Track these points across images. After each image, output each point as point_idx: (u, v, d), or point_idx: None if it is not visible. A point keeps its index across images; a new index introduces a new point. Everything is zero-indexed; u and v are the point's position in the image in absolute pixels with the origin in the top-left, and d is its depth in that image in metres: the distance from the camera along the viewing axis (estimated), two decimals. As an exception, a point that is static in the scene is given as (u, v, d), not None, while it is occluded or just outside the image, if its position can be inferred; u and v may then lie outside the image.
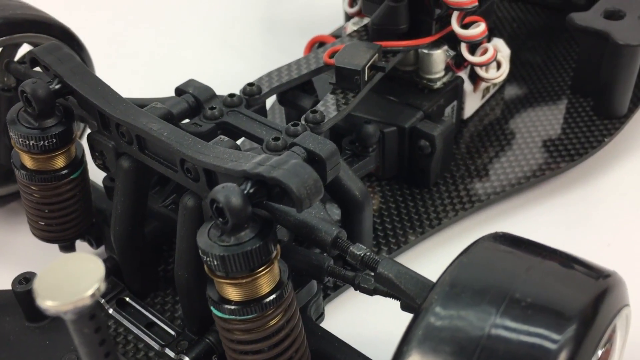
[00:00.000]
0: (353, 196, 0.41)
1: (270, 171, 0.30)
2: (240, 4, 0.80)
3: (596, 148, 0.52)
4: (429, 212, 0.48)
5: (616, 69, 0.52)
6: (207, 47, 0.73)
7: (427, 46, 0.49)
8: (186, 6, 0.81)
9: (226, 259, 0.29)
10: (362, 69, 0.43)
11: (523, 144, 0.53)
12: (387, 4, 0.47)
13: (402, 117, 0.48)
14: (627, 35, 0.51)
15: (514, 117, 0.56)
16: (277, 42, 0.74)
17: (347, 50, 0.44)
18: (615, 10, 0.54)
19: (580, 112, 0.56)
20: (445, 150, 0.49)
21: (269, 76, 0.46)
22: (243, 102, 0.43)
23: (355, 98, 0.43)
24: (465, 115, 0.55)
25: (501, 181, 0.50)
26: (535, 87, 0.60)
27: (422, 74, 0.50)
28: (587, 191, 0.52)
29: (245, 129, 0.41)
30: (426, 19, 0.47)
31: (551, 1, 0.70)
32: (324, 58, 0.46)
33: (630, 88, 0.54)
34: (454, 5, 0.46)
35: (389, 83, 0.51)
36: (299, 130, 0.39)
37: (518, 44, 0.65)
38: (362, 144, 0.45)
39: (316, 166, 0.38)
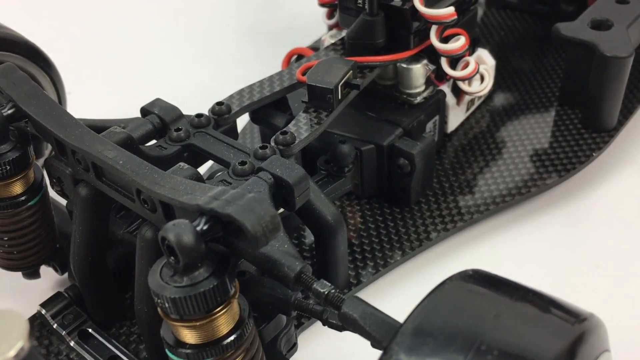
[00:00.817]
0: (325, 222, 0.39)
1: (225, 207, 0.28)
2: (223, 13, 0.78)
3: (584, 163, 0.51)
4: (410, 233, 0.46)
5: (604, 82, 0.50)
6: (188, 58, 0.71)
7: (406, 60, 0.47)
8: (166, 15, 0.79)
9: (179, 301, 0.28)
10: (334, 87, 0.41)
11: (509, 158, 0.51)
12: (363, 18, 0.45)
13: (381, 134, 0.46)
14: (614, 46, 0.49)
15: (500, 130, 0.54)
16: (261, 52, 0.72)
17: (320, 67, 0.42)
18: (603, 19, 0.52)
19: (568, 126, 0.54)
20: (426, 168, 0.47)
21: (240, 94, 0.44)
22: (211, 122, 0.41)
23: (328, 117, 0.42)
24: (448, 129, 0.53)
25: (485, 199, 0.48)
26: (523, 97, 0.58)
27: (401, 89, 0.48)
28: (575, 208, 0.50)
29: (212, 152, 0.39)
30: (404, 33, 0.45)
31: (539, 9, 0.68)
32: (297, 75, 0.44)
33: (619, 101, 0.52)
34: (432, 19, 0.44)
35: (367, 98, 0.49)
36: (267, 154, 0.38)
37: (506, 52, 0.64)
38: (337, 164, 0.43)
39: (284, 192, 0.36)
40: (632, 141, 0.55)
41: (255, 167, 0.37)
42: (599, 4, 0.54)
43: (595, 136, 0.52)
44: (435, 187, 0.50)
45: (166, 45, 0.73)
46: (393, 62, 0.46)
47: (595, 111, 0.52)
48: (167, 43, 0.74)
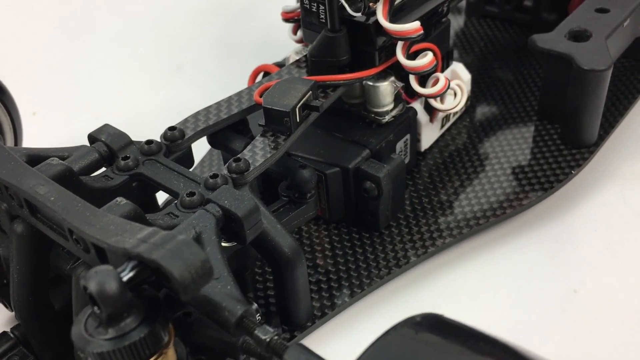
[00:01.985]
0: (282, 254, 0.37)
1: (151, 251, 0.26)
2: (194, 25, 0.76)
3: (562, 182, 0.48)
4: (378, 260, 0.44)
5: (582, 96, 0.48)
6: (157, 74, 0.69)
7: (372, 78, 0.45)
8: (133, 28, 0.77)
9: (105, 355, 0.25)
10: (291, 110, 0.38)
11: (484, 178, 0.49)
12: (324, 35, 0.42)
13: (346, 157, 0.44)
14: (592, 58, 0.47)
15: (477, 147, 0.52)
16: (234, 67, 0.69)
17: (277, 88, 0.40)
18: (581, 30, 0.50)
19: (547, 142, 0.52)
20: (396, 190, 0.45)
21: (196, 117, 0.42)
22: (162, 149, 0.39)
23: (286, 142, 0.39)
24: (422, 147, 0.51)
25: (458, 222, 0.46)
26: (502, 111, 0.56)
27: (369, 107, 0.46)
28: (554, 229, 0.48)
29: (161, 182, 0.37)
30: (368, 50, 0.43)
31: (520, 18, 0.66)
32: (255, 96, 0.42)
33: (598, 115, 0.49)
34: (397, 35, 0.42)
35: (334, 117, 0.47)
36: (218, 183, 0.36)
37: (487, 62, 0.62)
38: (298, 190, 0.41)
39: (234, 225, 0.34)
40: (614, 156, 0.53)
41: (204, 198, 0.35)
42: (577, 13, 0.52)
43: (574, 152, 0.50)
44: (408, 209, 0.47)
45: (135, 60, 0.71)
46: (357, 80, 0.43)
47: (574, 126, 0.50)
48: (136, 58, 0.72)
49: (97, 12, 0.80)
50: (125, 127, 0.61)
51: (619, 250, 0.45)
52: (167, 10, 0.79)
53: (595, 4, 0.53)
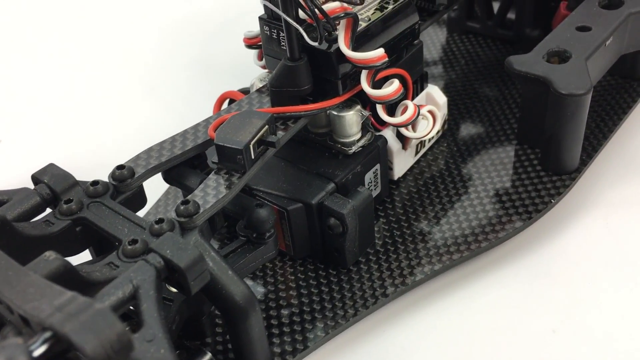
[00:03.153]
0: (234, 303, 0.34)
1: (64, 323, 0.23)
2: (170, 44, 0.74)
3: (542, 211, 0.46)
4: (345, 300, 0.42)
5: (561, 121, 0.46)
6: (130, 97, 0.67)
7: (336, 108, 0.43)
8: (103, 49, 0.75)
9: None
10: (244, 147, 0.36)
11: (459, 209, 0.47)
12: (284, 64, 0.40)
13: (310, 191, 0.42)
14: (571, 82, 0.45)
15: (452, 175, 0.50)
16: (210, 88, 0.67)
17: (231, 122, 0.38)
18: (560, 50, 0.48)
19: (526, 167, 0.49)
20: (363, 225, 0.42)
21: (148, 153, 0.40)
22: (109, 190, 0.37)
23: (240, 180, 0.37)
24: (395, 176, 0.49)
25: (431, 257, 0.44)
26: (482, 133, 0.53)
27: (335, 138, 0.44)
28: (532, 261, 0.45)
29: (105, 227, 0.35)
30: (331, 79, 0.41)
31: (503, 34, 0.63)
32: (209, 131, 0.39)
33: (579, 141, 0.47)
34: (360, 64, 0.40)
35: (300, 147, 0.45)
36: (163, 229, 0.33)
37: (468, 80, 0.59)
38: (255, 230, 0.38)
39: (177, 276, 0.32)
40: (597, 181, 0.50)
41: (147, 246, 0.32)
42: (558, 31, 0.50)
43: (555, 179, 0.48)
44: (378, 243, 0.45)
45: (106, 83, 0.69)
46: (319, 111, 0.41)
47: (554, 153, 0.47)
48: (107, 80, 0.69)
49: (66, 32, 0.79)
50: (93, 155, 0.60)
51: (602, 286, 0.43)
52: (139, 29, 0.77)
53: (576, 21, 0.50)
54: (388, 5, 0.44)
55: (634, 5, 0.51)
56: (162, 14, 0.79)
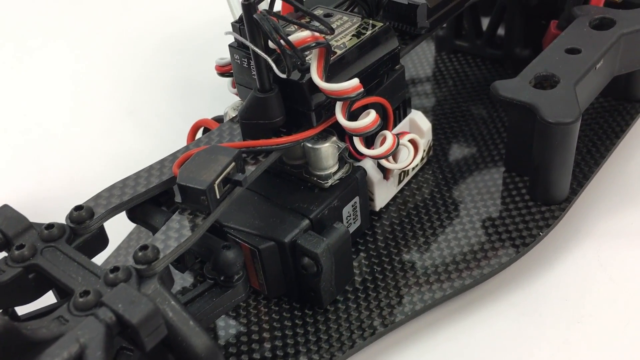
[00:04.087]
0: (195, 356, 0.32)
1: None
2: (148, 62, 0.72)
3: (530, 245, 0.44)
4: (320, 344, 0.39)
5: (548, 151, 0.43)
6: (106, 119, 0.65)
7: (311, 140, 0.40)
8: (80, 69, 0.73)
9: None
10: (208, 188, 0.34)
11: (443, 242, 0.45)
12: (254, 96, 0.38)
13: (283, 228, 0.40)
14: (558, 109, 0.42)
15: (437, 205, 0.47)
16: (191, 111, 0.65)
17: (196, 160, 0.36)
18: (548, 75, 0.45)
19: (514, 197, 0.47)
20: (340, 264, 0.40)
21: (110, 192, 0.37)
22: (66, 233, 0.35)
23: (205, 222, 0.35)
24: (377, 206, 0.46)
25: (412, 296, 0.41)
26: (470, 158, 0.51)
27: (311, 170, 0.42)
28: (519, 297, 0.43)
29: (58, 276, 0.32)
30: (304, 110, 0.39)
31: (492, 53, 0.61)
32: (173, 168, 0.37)
33: (568, 170, 0.45)
34: (333, 95, 0.37)
35: (274, 180, 0.43)
36: (118, 278, 0.31)
37: (455, 100, 0.57)
38: (222, 273, 0.36)
39: (130, 332, 0.30)
40: (589, 211, 0.48)
41: (99, 300, 0.30)
42: (546, 54, 0.48)
43: (544, 210, 0.46)
44: (357, 280, 0.43)
45: (83, 105, 0.67)
46: (291, 144, 0.39)
47: (542, 182, 0.45)
48: (84, 103, 0.67)
49: (41, 50, 0.77)
50: (64, 186, 0.58)
51: (593, 325, 0.41)
52: (118, 48, 0.75)
53: (566, 43, 0.48)
54: (366, 30, 0.42)
55: (626, 25, 0.49)
56: (142, 34, 0.77)
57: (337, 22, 0.43)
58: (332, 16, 0.44)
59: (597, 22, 0.50)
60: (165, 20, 0.78)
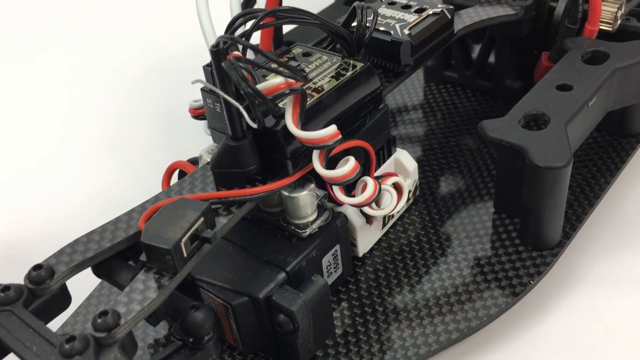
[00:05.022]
0: None
1: None
2: (129, 92, 0.70)
3: (520, 295, 0.41)
4: (298, 405, 0.37)
5: (539, 195, 0.41)
6: (84, 153, 0.63)
7: (288, 188, 0.38)
8: (56, 99, 0.71)
9: None
10: (173, 247, 0.32)
11: (429, 290, 0.42)
12: (226, 144, 0.36)
13: (258, 283, 0.37)
14: (549, 152, 0.40)
15: (423, 248, 0.45)
16: (174, 144, 0.63)
17: (162, 214, 0.34)
18: (538, 114, 0.44)
19: (504, 241, 0.45)
20: (318, 319, 0.38)
21: (73, 247, 0.35)
22: (23, 295, 0.33)
23: (172, 282, 0.33)
24: (359, 252, 0.44)
25: (395, 351, 0.39)
26: (458, 198, 0.49)
27: (288, 219, 0.40)
28: (509, 351, 0.41)
29: (11, 345, 0.30)
30: (279, 158, 0.37)
31: (482, 85, 0.60)
32: (139, 223, 0.35)
33: (560, 215, 0.43)
34: (310, 144, 0.35)
35: (250, 229, 0.41)
36: (74, 349, 0.29)
37: (445, 133, 0.55)
38: (190, 335, 0.34)
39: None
40: (583, 255, 0.46)
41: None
42: (536, 91, 0.46)
43: (535, 256, 0.43)
44: (338, 332, 0.41)
45: (59, 138, 0.65)
46: (266, 194, 0.37)
47: (533, 227, 0.43)
48: (60, 136, 0.65)
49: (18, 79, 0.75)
50: (43, 221, 0.56)
51: (586, 381, 0.39)
52: (97, 77, 0.73)
53: (557, 79, 0.46)
54: (346, 71, 0.40)
55: (620, 59, 0.47)
56: (123, 62, 0.75)
57: (316, 62, 0.41)
58: (311, 55, 0.42)
59: (589, 55, 0.48)
60: (148, 48, 0.77)
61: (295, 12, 0.38)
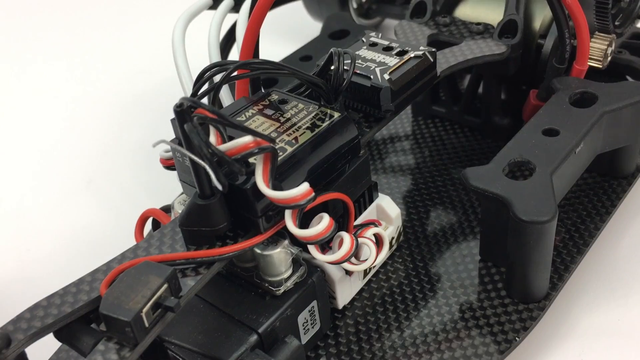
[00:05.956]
0: None
1: None
2: (112, 125, 0.68)
3: (505, 353, 0.40)
4: None
5: (524, 248, 0.40)
6: (62, 189, 0.61)
7: (260, 245, 0.37)
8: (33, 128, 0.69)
9: None
10: (133, 319, 0.30)
11: (411, 347, 0.41)
12: (194, 202, 0.35)
13: (228, 346, 0.36)
14: (533, 205, 0.39)
15: (406, 299, 0.44)
16: (156, 178, 0.62)
17: (124, 281, 0.32)
18: (523, 161, 0.42)
19: (490, 292, 0.43)
20: (293, 382, 0.36)
21: (32, 312, 0.34)
22: (-24, 367, 0.31)
23: (132, 354, 0.31)
24: (339, 304, 0.43)
25: (373, 415, 0.38)
26: (444, 241, 0.48)
27: (262, 275, 0.38)
28: (495, 411, 0.39)
29: None
30: (250, 216, 0.35)
31: (470, 121, 0.58)
32: (101, 287, 0.34)
33: (546, 269, 0.41)
34: (281, 204, 0.34)
35: (223, 284, 0.39)
36: None
37: (431, 170, 0.54)
38: (154, 407, 0.33)
39: None
40: (571, 307, 0.44)
41: None
42: (522, 136, 0.44)
43: (521, 309, 0.42)
44: (315, 393, 0.39)
45: (35, 174, 0.63)
46: (238, 253, 0.35)
47: (519, 280, 0.42)
48: (36, 172, 0.64)
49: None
50: (18, 265, 0.54)
51: None
52: (75, 109, 0.72)
53: (543, 122, 0.45)
54: (322, 122, 0.38)
55: (609, 101, 0.45)
56: (104, 93, 0.74)
57: (292, 110, 0.40)
58: (287, 102, 0.40)
59: (577, 97, 0.47)
60: (130, 80, 0.75)
61: (268, 64, 0.36)
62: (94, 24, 0.88)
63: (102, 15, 0.90)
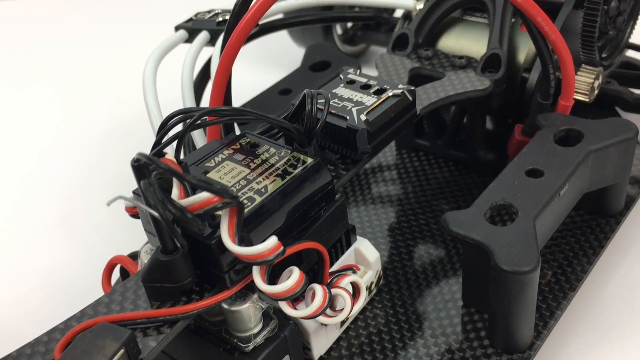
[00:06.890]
0: None
1: None
2: (89, 156, 0.66)
3: (487, 409, 0.38)
4: None
5: (506, 298, 0.38)
6: (35, 227, 0.59)
7: (228, 300, 0.35)
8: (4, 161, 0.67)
9: None
10: (85, 392, 0.28)
11: (389, 401, 0.39)
12: (156, 258, 0.33)
13: (194, 409, 0.34)
14: (515, 254, 0.37)
15: (385, 348, 0.42)
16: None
17: (79, 345, 0.30)
18: (506, 205, 0.40)
19: (472, 341, 0.42)
20: None
21: None
22: None
23: None
24: (315, 356, 0.41)
25: None
26: (425, 284, 0.46)
27: (231, 331, 0.36)
28: None
29: None
30: (215, 272, 0.34)
31: (455, 155, 0.56)
32: (55, 352, 0.32)
33: (530, 318, 0.39)
34: (248, 260, 0.32)
35: (191, 339, 0.37)
36: None
37: (413, 206, 0.52)
38: None
39: None
40: (557, 354, 0.42)
41: None
42: (504, 177, 0.43)
43: (505, 359, 0.40)
44: None
45: (4, 211, 0.61)
46: (203, 310, 0.34)
47: (502, 329, 0.40)
48: (6, 208, 0.62)
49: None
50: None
51: None
52: (49, 143, 0.70)
53: (527, 162, 0.43)
54: (294, 168, 0.37)
55: (595, 140, 0.44)
56: (79, 125, 0.72)
57: (263, 155, 0.38)
58: (259, 147, 0.39)
59: (562, 134, 0.45)
60: (105, 111, 0.73)
61: (236, 111, 0.35)
62: (69, 54, 0.86)
63: (76, 45, 0.89)
